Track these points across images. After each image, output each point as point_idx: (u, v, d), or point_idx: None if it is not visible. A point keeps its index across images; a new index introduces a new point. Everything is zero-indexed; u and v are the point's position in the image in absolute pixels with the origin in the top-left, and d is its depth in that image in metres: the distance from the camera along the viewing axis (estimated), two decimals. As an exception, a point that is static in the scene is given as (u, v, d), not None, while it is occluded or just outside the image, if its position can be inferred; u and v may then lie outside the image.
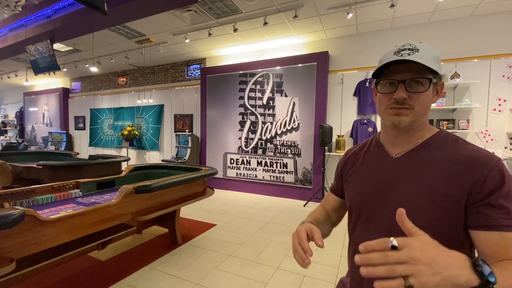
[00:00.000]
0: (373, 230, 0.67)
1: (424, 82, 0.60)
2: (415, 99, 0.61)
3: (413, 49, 0.59)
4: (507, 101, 3.69)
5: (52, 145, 8.34)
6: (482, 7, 3.59)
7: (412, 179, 0.62)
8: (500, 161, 0.56)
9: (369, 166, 0.72)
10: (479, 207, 0.53)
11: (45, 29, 4.30)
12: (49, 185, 2.32)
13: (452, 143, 0.62)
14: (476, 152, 0.58)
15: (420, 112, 0.62)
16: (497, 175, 0.53)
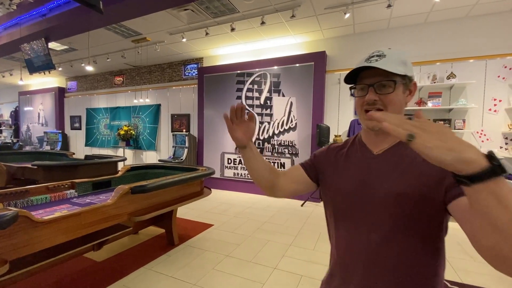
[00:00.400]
0: (358, 224, 0.69)
1: (390, 84, 0.65)
2: (385, 99, 0.66)
3: (380, 55, 0.66)
4: (502, 101, 3.72)
5: (48, 145, 8.26)
6: (477, 8, 3.62)
7: (394, 172, 0.66)
8: None
9: (353, 164, 0.75)
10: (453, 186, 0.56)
11: (40, 28, 4.25)
12: (44, 185, 2.29)
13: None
14: None
15: (393, 111, 0.66)
16: None
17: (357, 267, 0.69)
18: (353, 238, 0.70)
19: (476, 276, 2.31)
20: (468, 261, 2.58)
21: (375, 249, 0.65)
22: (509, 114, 3.71)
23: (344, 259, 0.73)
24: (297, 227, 3.45)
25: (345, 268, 0.72)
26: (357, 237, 0.69)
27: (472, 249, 2.83)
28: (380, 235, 0.65)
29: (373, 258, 0.66)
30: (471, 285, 2.16)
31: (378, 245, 0.65)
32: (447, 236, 0.67)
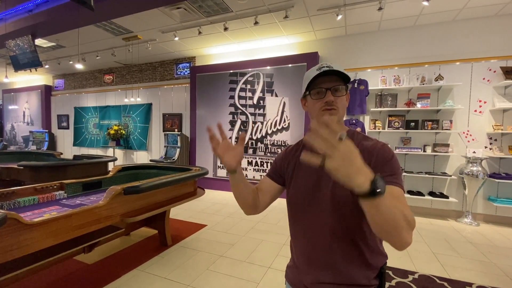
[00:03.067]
0: (309, 222, 0.82)
1: (342, 88, 0.80)
2: (338, 102, 0.80)
3: (329, 66, 0.79)
4: (487, 103, 3.86)
5: (34, 144, 8.01)
6: (464, 12, 3.74)
7: None
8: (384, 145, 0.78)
9: (303, 166, 0.86)
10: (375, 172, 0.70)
11: (26, 24, 4.12)
12: (32, 186, 2.22)
13: (358, 136, 0.83)
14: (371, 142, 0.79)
15: (342, 112, 0.82)
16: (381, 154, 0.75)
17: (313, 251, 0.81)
18: (307, 232, 0.83)
19: (463, 272, 2.39)
20: (455, 257, 2.67)
21: (328, 235, 0.78)
22: (493, 115, 3.84)
23: (301, 245, 0.86)
24: (290, 227, 3.47)
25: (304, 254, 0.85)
26: (311, 224, 0.82)
27: (459, 246, 2.93)
28: (330, 220, 0.78)
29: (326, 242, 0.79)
30: (459, 280, 2.24)
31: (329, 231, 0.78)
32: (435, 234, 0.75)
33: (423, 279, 2.23)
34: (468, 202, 3.78)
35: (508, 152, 3.72)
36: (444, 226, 3.60)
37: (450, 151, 3.94)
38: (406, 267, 2.44)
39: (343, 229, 0.77)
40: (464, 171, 3.71)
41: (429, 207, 4.14)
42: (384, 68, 4.38)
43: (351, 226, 0.77)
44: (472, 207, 3.80)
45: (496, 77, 3.79)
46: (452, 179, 3.95)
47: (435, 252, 2.78)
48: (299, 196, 0.86)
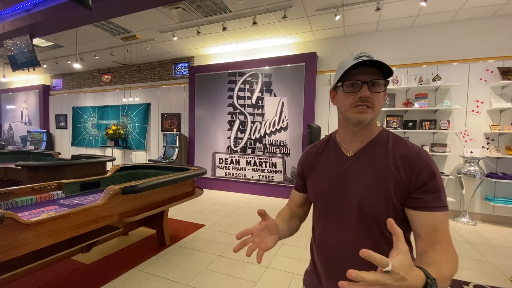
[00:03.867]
0: (333, 224, 0.75)
1: (382, 83, 0.69)
2: (375, 98, 0.69)
3: (368, 56, 0.68)
4: (484, 103, 3.88)
5: (31, 144, 7.98)
6: (461, 13, 3.76)
7: (363, 174, 0.71)
8: (428, 155, 0.68)
9: (327, 165, 0.79)
10: (416, 193, 0.65)
11: (24, 23, 4.11)
12: (29, 186, 2.22)
13: (393, 140, 0.73)
14: (411, 149, 0.69)
15: (378, 110, 0.70)
16: (427, 167, 0.65)
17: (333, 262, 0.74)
18: (329, 236, 0.76)
19: (460, 271, 2.40)
20: (453, 256, 2.68)
21: (350, 248, 0.71)
22: (490, 115, 3.87)
23: (322, 254, 0.79)
24: (288, 226, 3.48)
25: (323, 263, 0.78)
26: (333, 235, 0.75)
27: (456, 245, 2.93)
28: (353, 234, 0.71)
29: (347, 255, 0.71)
30: (456, 279, 2.25)
31: (352, 244, 0.71)
32: None
33: (420, 278, 2.24)
34: (466, 202, 3.80)
35: (505, 152, 3.74)
36: (442, 226, 3.61)
37: (448, 151, 3.96)
38: (404, 266, 2.45)
39: (369, 245, 0.69)
40: (461, 171, 3.73)
41: (427, 206, 4.15)
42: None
43: (379, 243, 0.69)
44: (469, 206, 3.82)
45: (493, 77, 3.81)
46: (449, 178, 3.97)
47: (433, 251, 2.79)
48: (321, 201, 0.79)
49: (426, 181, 0.65)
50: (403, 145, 0.71)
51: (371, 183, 0.69)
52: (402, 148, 0.70)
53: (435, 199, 0.64)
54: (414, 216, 0.66)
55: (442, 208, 0.64)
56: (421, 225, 0.65)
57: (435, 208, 0.64)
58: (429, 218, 0.64)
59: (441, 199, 0.65)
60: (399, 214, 0.68)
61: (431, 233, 0.64)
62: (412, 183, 0.65)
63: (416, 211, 0.66)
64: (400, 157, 0.68)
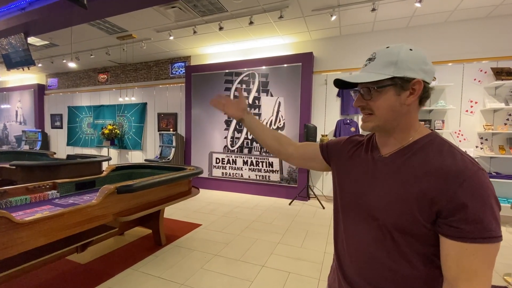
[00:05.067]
0: (352, 220, 0.72)
1: (367, 91, 0.64)
2: (371, 105, 0.64)
3: (371, 59, 0.64)
4: (478, 103, 3.93)
5: (26, 144, 7.90)
6: (456, 13, 3.80)
7: (392, 179, 0.64)
8: (477, 173, 0.55)
9: (360, 163, 0.74)
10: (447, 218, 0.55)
11: (18, 22, 4.07)
12: (24, 186, 2.20)
13: (436, 147, 0.62)
14: (455, 161, 0.57)
15: (382, 115, 0.63)
16: (468, 189, 0.53)
17: (350, 262, 0.71)
18: (349, 235, 0.72)
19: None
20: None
21: (366, 249, 0.67)
22: (484, 115, 3.92)
23: (341, 252, 0.76)
24: (285, 226, 3.49)
25: (340, 262, 0.76)
26: (352, 234, 0.71)
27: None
28: (371, 237, 0.66)
29: (364, 257, 0.67)
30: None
31: (369, 246, 0.66)
32: None
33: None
34: (460, 201, 3.84)
35: (498, 151, 3.79)
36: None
37: (442, 151, 3.99)
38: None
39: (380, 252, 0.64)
40: (455, 170, 3.77)
41: (421, 205, 4.20)
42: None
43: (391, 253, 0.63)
44: (463, 205, 3.86)
45: (487, 77, 3.86)
46: (444, 178, 4.01)
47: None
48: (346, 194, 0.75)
49: (464, 206, 0.52)
50: (448, 155, 0.59)
51: (393, 192, 0.62)
52: (444, 159, 0.58)
53: (472, 229, 0.52)
54: (442, 243, 0.57)
55: (477, 240, 0.51)
56: (444, 256, 0.56)
57: (466, 239, 0.52)
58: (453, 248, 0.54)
59: (482, 229, 0.51)
60: (423, 231, 0.58)
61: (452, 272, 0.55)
62: (443, 204, 0.54)
63: (444, 237, 0.55)
64: (437, 169, 0.57)
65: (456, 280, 0.54)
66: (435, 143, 0.63)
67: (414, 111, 0.65)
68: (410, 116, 0.65)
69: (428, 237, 0.58)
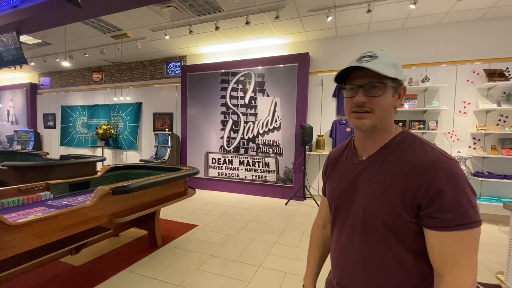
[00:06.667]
0: (343, 227, 0.74)
1: (381, 86, 0.63)
2: (374, 102, 0.64)
3: (372, 56, 0.63)
4: (471, 104, 3.99)
5: (18, 144, 7.76)
6: (450, 15, 3.85)
7: (370, 181, 0.67)
8: (449, 162, 0.58)
9: (343, 169, 0.76)
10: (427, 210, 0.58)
11: (10, 20, 4.00)
12: (16, 187, 2.16)
13: (409, 144, 0.65)
14: (427, 155, 0.61)
15: (380, 115, 0.65)
16: (441, 179, 0.56)
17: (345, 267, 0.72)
18: (339, 239, 0.74)
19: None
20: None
21: (359, 253, 0.68)
22: (477, 116, 3.98)
23: (334, 256, 0.78)
24: (281, 226, 3.50)
25: (334, 264, 0.78)
26: (343, 238, 0.73)
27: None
28: (361, 241, 0.67)
29: (357, 260, 0.69)
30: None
31: (360, 250, 0.68)
32: None
33: (409, 275, 2.28)
34: (453, 200, 3.89)
35: (491, 151, 3.85)
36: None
37: (436, 151, 4.04)
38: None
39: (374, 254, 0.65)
40: (449, 170, 3.82)
41: (416, 205, 4.24)
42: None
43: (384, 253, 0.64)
44: (457, 205, 3.92)
45: (480, 79, 3.92)
46: (438, 178, 4.06)
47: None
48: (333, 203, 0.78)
49: (440, 195, 0.55)
50: (420, 150, 0.62)
51: (376, 192, 0.64)
52: (418, 154, 0.62)
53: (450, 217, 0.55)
54: (425, 235, 0.60)
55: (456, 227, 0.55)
56: (430, 248, 0.59)
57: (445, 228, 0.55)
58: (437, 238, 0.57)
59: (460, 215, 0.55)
60: (411, 227, 0.60)
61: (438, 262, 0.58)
62: (421, 197, 0.57)
63: (426, 229, 0.59)
64: (412, 165, 0.60)
65: (442, 269, 0.57)
66: (407, 141, 0.66)
67: (393, 113, 0.68)
68: (391, 118, 0.68)
69: (416, 233, 0.60)
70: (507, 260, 2.15)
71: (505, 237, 3.24)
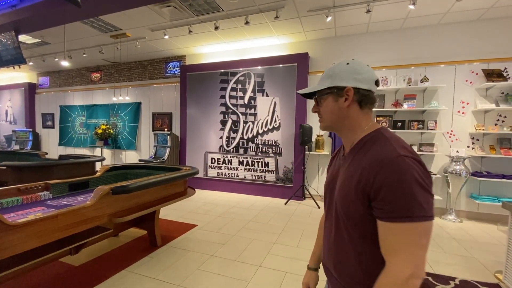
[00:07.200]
0: (328, 216, 0.82)
1: (319, 98, 0.79)
2: (321, 110, 0.80)
3: (322, 75, 0.80)
4: (469, 104, 4.00)
5: (17, 144, 7.73)
6: (448, 16, 3.86)
7: (344, 173, 0.75)
8: (396, 159, 0.61)
9: (334, 165, 0.86)
10: (373, 200, 0.63)
11: (9, 19, 3.98)
12: (15, 187, 2.16)
13: (375, 141, 0.70)
14: (378, 152, 0.66)
15: (327, 118, 0.78)
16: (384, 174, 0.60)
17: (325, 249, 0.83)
18: (325, 226, 0.85)
19: (447, 267, 2.47)
20: (440, 253, 2.76)
21: (333, 237, 0.77)
22: (475, 116, 3.99)
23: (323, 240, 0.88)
24: (281, 225, 3.50)
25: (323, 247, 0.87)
26: (327, 225, 0.83)
27: (443, 242, 3.03)
28: (334, 226, 0.76)
29: (331, 243, 0.78)
30: (443, 274, 2.32)
31: (334, 234, 0.76)
32: None
33: (409, 275, 2.29)
34: (452, 200, 3.92)
35: (489, 151, 3.87)
36: (429, 223, 3.71)
37: (435, 151, 4.06)
38: (393, 263, 2.50)
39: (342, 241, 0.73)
40: (448, 170, 3.84)
41: (415, 205, 4.26)
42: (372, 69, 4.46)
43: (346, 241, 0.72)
44: (455, 204, 3.94)
45: (478, 79, 3.94)
46: (437, 177, 4.08)
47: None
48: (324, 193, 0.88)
49: (382, 188, 0.60)
50: (379, 146, 0.67)
51: (344, 184, 0.71)
52: (375, 150, 0.67)
53: (391, 208, 0.59)
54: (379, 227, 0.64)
55: (397, 219, 0.58)
56: (378, 236, 0.64)
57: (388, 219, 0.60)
58: (381, 228, 0.62)
59: (400, 208, 0.58)
60: (366, 217, 0.66)
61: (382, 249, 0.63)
62: (369, 189, 0.63)
63: (376, 219, 0.63)
64: (369, 160, 0.66)
65: (385, 256, 0.62)
66: (375, 138, 0.71)
67: (356, 114, 0.75)
68: (353, 118, 0.75)
69: (371, 223, 0.65)
70: (505, 259, 2.16)
71: (503, 237, 3.26)
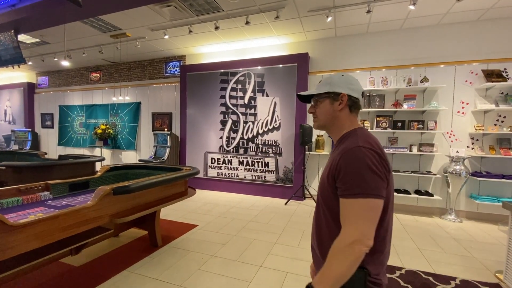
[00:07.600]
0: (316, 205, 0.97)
1: (316, 100, 0.95)
2: (317, 111, 0.95)
3: (320, 81, 0.97)
4: (469, 104, 4.01)
5: (16, 144, 7.71)
6: (448, 16, 3.87)
7: (328, 164, 0.90)
8: (354, 148, 0.78)
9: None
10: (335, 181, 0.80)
11: (8, 19, 3.96)
12: (15, 187, 2.15)
13: (345, 139, 0.87)
14: (346, 144, 0.83)
15: (322, 119, 0.94)
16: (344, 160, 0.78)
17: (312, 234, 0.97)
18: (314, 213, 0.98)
19: (447, 267, 2.48)
20: (440, 253, 2.77)
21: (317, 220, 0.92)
22: (475, 116, 4.00)
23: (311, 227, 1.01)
24: (281, 225, 3.50)
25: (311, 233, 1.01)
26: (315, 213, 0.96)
27: (443, 242, 3.04)
28: (316, 212, 0.93)
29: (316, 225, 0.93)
30: (443, 274, 2.32)
31: (316, 220, 0.93)
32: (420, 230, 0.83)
33: (409, 274, 2.30)
34: (452, 200, 3.92)
35: (489, 151, 3.88)
36: (429, 223, 3.72)
37: (435, 151, 4.07)
38: (393, 263, 2.51)
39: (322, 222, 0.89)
40: (448, 170, 3.85)
41: (415, 204, 4.27)
42: (372, 69, 4.48)
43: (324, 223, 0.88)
44: (455, 204, 3.95)
45: (478, 79, 3.95)
46: (436, 177, 4.09)
47: (421, 248, 2.88)
48: None
49: (340, 170, 0.77)
50: (349, 141, 0.84)
51: (323, 174, 0.89)
52: (345, 143, 0.84)
53: (345, 187, 0.75)
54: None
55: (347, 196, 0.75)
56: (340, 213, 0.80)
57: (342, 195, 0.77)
58: (340, 204, 0.78)
59: (350, 187, 0.74)
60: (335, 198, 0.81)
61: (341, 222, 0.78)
62: (334, 173, 0.80)
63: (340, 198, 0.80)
64: (339, 151, 0.82)
65: (342, 225, 0.77)
66: (350, 135, 0.87)
67: (345, 116, 0.91)
68: (342, 119, 0.92)
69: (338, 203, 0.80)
70: (506, 259, 2.17)
71: (504, 236, 3.27)
